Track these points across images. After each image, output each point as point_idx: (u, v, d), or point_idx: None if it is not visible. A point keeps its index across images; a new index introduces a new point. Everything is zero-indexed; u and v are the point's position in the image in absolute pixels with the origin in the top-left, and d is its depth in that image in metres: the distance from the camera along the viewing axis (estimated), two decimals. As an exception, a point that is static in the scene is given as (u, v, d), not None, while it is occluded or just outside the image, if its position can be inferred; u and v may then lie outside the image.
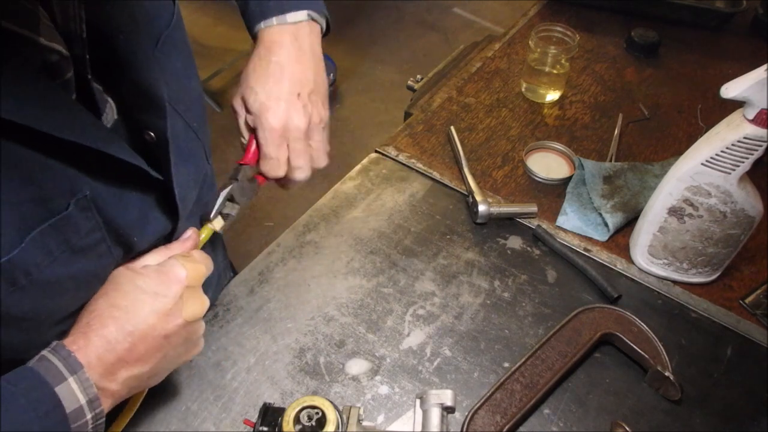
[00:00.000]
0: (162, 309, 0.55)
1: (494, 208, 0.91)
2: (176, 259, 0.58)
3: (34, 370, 0.49)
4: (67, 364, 0.50)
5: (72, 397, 0.49)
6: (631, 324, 0.77)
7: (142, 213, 0.59)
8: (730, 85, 0.67)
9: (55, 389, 0.49)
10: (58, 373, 0.49)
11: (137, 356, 0.54)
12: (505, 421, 0.69)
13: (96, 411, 0.51)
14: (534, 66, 1.12)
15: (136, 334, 0.53)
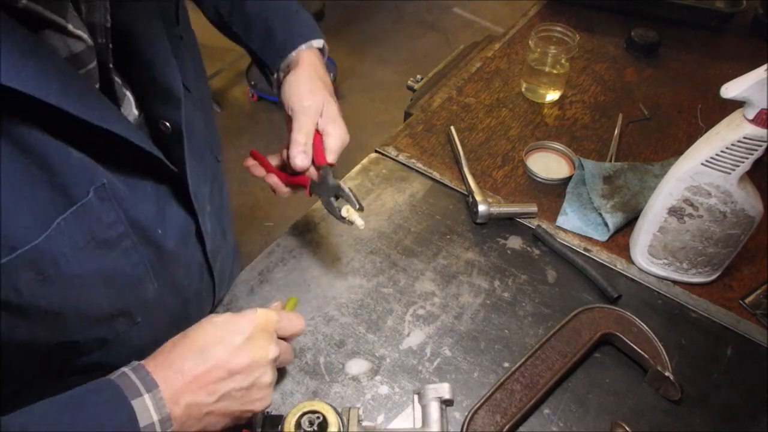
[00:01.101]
0: (231, 343, 0.57)
1: (494, 208, 0.91)
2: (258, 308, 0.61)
3: (115, 383, 0.51)
4: (144, 382, 0.52)
5: (146, 413, 0.51)
6: (631, 324, 0.77)
7: (160, 207, 0.61)
8: (730, 85, 0.67)
9: (131, 402, 0.50)
10: (135, 389, 0.51)
11: (202, 384, 0.55)
12: (505, 421, 0.69)
13: (166, 429, 0.52)
14: (534, 66, 1.12)
15: (205, 363, 0.55)
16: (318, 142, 0.77)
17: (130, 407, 0.50)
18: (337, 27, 3.27)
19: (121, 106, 0.57)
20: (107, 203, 0.53)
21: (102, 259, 0.54)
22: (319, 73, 0.80)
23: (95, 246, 0.53)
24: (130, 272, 0.59)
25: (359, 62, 3.11)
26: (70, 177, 0.49)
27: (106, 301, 0.58)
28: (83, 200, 0.50)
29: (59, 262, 0.50)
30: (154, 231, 0.60)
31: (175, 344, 0.56)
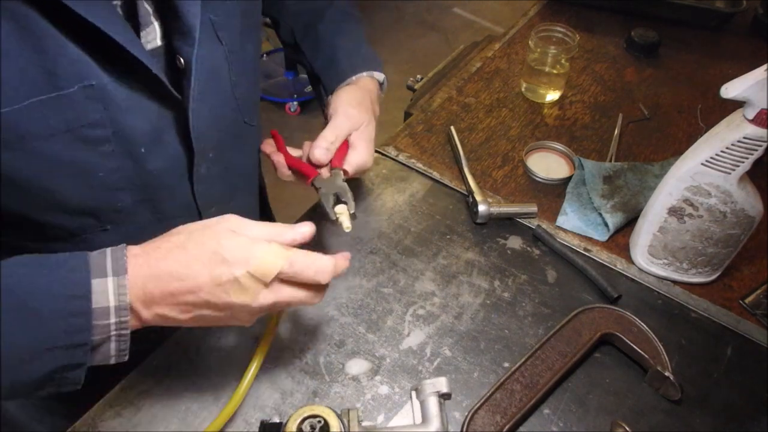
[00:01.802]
0: (218, 279, 0.54)
1: (494, 208, 0.91)
2: (268, 246, 0.56)
3: (86, 257, 0.53)
4: (115, 264, 0.53)
5: (104, 295, 0.52)
6: (631, 324, 0.77)
7: (155, 129, 0.63)
8: (730, 85, 0.67)
9: (91, 280, 0.51)
10: (103, 268, 0.52)
11: (177, 302, 0.55)
12: (505, 421, 0.69)
13: (122, 319, 0.52)
14: (534, 66, 1.12)
15: (187, 283, 0.54)
16: (343, 149, 0.80)
17: (87, 283, 0.51)
18: (337, 27, 3.26)
19: (142, 31, 0.59)
20: (94, 104, 0.55)
21: (76, 153, 0.57)
22: (373, 99, 0.84)
23: (72, 138, 0.56)
24: (105, 176, 0.61)
25: (359, 62, 3.11)
26: (60, 67, 0.52)
27: (74, 193, 0.60)
28: (66, 91, 0.53)
29: (25, 139, 0.53)
30: (138, 148, 0.62)
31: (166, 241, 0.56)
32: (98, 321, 0.52)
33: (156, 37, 0.61)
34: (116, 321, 0.53)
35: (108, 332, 0.53)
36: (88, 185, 0.61)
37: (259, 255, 0.55)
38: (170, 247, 0.55)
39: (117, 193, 0.64)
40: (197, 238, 0.55)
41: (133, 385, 0.73)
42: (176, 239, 0.56)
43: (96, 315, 0.52)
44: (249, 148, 0.83)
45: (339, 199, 0.75)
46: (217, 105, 0.69)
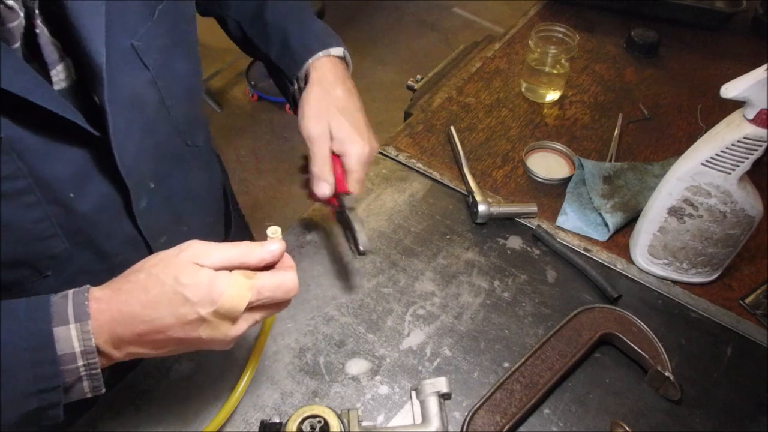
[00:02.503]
0: (183, 318, 0.53)
1: (494, 208, 0.91)
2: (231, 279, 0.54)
3: (48, 305, 0.52)
4: (77, 309, 0.52)
5: (68, 342, 0.51)
6: (631, 324, 0.77)
7: (81, 171, 0.60)
8: (730, 85, 0.67)
9: (53, 329, 0.51)
10: (65, 315, 0.51)
11: (147, 341, 0.54)
12: (505, 421, 0.69)
13: (90, 361, 0.52)
14: (534, 66, 1.12)
15: (154, 325, 0.53)
16: (337, 165, 0.77)
17: (49, 334, 0.50)
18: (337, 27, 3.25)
19: (52, 70, 0.56)
20: (7, 156, 0.53)
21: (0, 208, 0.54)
22: (328, 84, 0.78)
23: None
24: (32, 227, 0.58)
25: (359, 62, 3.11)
26: None
27: (14, 252, 0.58)
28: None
29: None
30: (65, 193, 0.59)
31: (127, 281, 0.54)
32: (66, 366, 0.51)
33: (67, 76, 0.57)
34: (84, 363, 0.52)
35: (78, 374, 0.52)
36: (15, 238, 0.58)
37: (224, 292, 0.53)
38: (131, 289, 0.53)
39: (49, 240, 0.61)
40: (157, 276, 0.53)
41: (133, 385, 0.73)
42: (136, 279, 0.54)
43: (63, 361, 0.51)
44: (197, 170, 0.79)
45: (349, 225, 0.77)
46: (148, 135, 0.66)
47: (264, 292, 0.55)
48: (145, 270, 0.54)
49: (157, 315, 0.52)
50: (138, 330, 0.53)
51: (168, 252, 0.55)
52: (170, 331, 0.53)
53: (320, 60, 0.79)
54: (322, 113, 0.75)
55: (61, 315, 0.51)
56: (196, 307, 0.52)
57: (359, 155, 0.75)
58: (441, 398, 0.69)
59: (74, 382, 0.52)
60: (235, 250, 0.55)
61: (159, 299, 0.52)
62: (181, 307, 0.52)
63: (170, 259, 0.54)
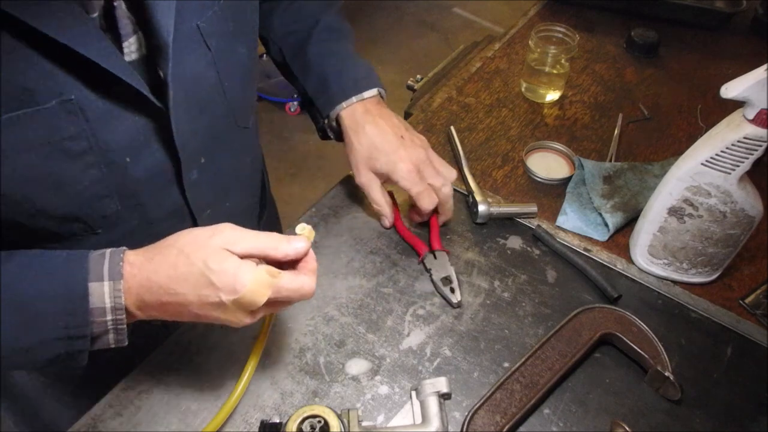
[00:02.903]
0: (205, 299, 0.57)
1: (494, 208, 0.91)
2: (256, 273, 0.57)
3: (86, 260, 0.57)
4: (112, 270, 0.57)
5: (100, 297, 0.56)
6: (631, 324, 0.77)
7: (139, 139, 0.63)
8: (730, 85, 0.67)
9: (89, 284, 0.56)
10: (100, 272, 0.56)
11: (169, 310, 0.59)
12: (505, 421, 0.69)
13: (118, 317, 0.57)
14: (534, 66, 1.12)
15: (177, 298, 0.57)
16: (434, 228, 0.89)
17: (84, 287, 0.56)
18: (337, 27, 3.26)
19: (124, 42, 0.59)
20: (73, 117, 0.56)
21: (57, 165, 0.58)
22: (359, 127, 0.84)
23: (52, 151, 0.57)
24: (88, 186, 0.61)
25: (359, 62, 3.10)
26: (35, 83, 0.53)
27: (57, 203, 0.61)
28: (43, 106, 0.54)
29: (7, 151, 0.54)
30: (122, 158, 0.62)
31: (159, 253, 0.58)
32: (96, 318, 0.56)
33: (138, 48, 0.61)
34: (112, 318, 0.57)
35: (105, 327, 0.57)
36: (71, 195, 0.61)
37: (247, 285, 0.56)
38: (161, 261, 0.58)
39: (102, 200, 0.64)
40: (188, 256, 0.57)
41: (133, 385, 0.73)
42: (168, 253, 0.58)
43: (93, 314, 0.56)
44: (243, 151, 0.83)
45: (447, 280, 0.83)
46: (204, 112, 0.69)
47: (282, 292, 0.59)
48: (177, 247, 0.58)
49: (182, 291, 0.57)
50: (162, 300, 0.58)
51: (202, 233, 0.59)
52: (190, 306, 0.58)
53: (353, 106, 0.85)
54: (360, 163, 0.84)
55: (96, 272, 0.56)
56: (218, 292, 0.56)
57: (403, 175, 0.82)
58: (441, 398, 0.69)
59: (101, 334, 0.58)
60: (264, 240, 0.59)
61: (185, 277, 0.57)
62: (205, 289, 0.57)
63: (203, 241, 0.58)
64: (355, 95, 0.85)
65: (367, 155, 0.84)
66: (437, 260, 0.85)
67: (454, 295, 0.81)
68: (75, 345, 0.57)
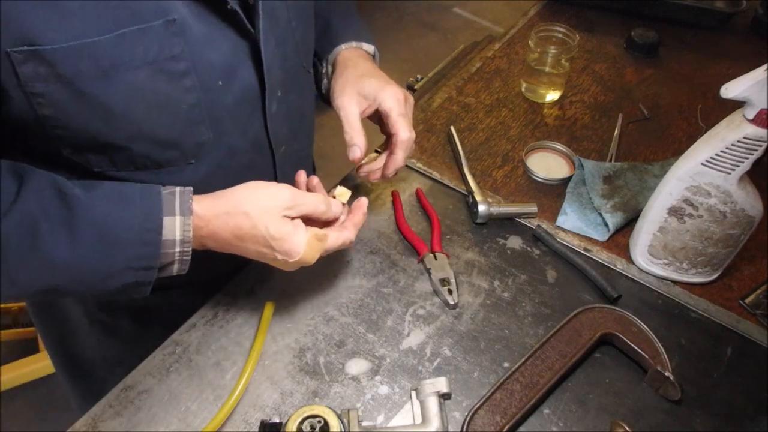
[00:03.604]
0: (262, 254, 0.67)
1: (494, 208, 0.91)
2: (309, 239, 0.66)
3: (159, 195, 0.62)
4: (183, 206, 0.62)
5: (171, 230, 0.62)
6: (631, 324, 0.77)
7: (230, 63, 0.67)
8: (730, 85, 0.67)
9: (163, 217, 0.61)
10: (172, 207, 0.62)
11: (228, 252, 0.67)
12: (505, 421, 0.69)
13: (185, 249, 0.63)
14: (534, 66, 1.12)
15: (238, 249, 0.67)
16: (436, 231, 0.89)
17: (159, 219, 0.61)
18: (337, 27, 3.26)
19: None
20: (175, 38, 0.60)
21: (160, 85, 0.61)
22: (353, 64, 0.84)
23: (156, 70, 0.60)
24: (186, 110, 0.65)
25: (359, 62, 3.10)
26: (141, 3, 0.57)
27: (160, 124, 0.65)
28: (150, 24, 0.58)
29: (119, 67, 0.58)
30: (215, 81, 0.66)
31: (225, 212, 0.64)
32: (166, 250, 0.62)
33: None
34: (180, 251, 0.63)
35: (173, 258, 0.63)
36: (172, 117, 0.65)
37: (301, 253, 0.66)
38: (228, 221, 0.64)
39: (198, 126, 0.67)
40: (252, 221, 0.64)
41: (133, 385, 0.73)
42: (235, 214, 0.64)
43: (164, 246, 0.62)
44: (307, 93, 0.86)
45: (445, 281, 0.83)
46: (281, 45, 0.73)
47: (329, 249, 0.70)
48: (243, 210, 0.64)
49: (243, 245, 0.66)
50: (224, 245, 0.66)
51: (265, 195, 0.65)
52: (249, 254, 0.67)
53: (351, 49, 0.86)
54: (348, 83, 0.81)
55: (169, 207, 0.62)
56: (275, 253, 0.66)
57: (394, 96, 0.79)
58: (441, 398, 0.69)
59: (167, 264, 0.64)
60: (314, 205, 0.68)
61: (248, 237, 0.65)
62: (264, 248, 0.65)
63: (265, 205, 0.64)
64: (354, 41, 0.87)
65: (356, 76, 0.82)
66: (437, 261, 0.85)
67: (452, 297, 0.81)
68: (144, 275, 0.62)
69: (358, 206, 0.75)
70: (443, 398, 0.69)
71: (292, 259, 0.66)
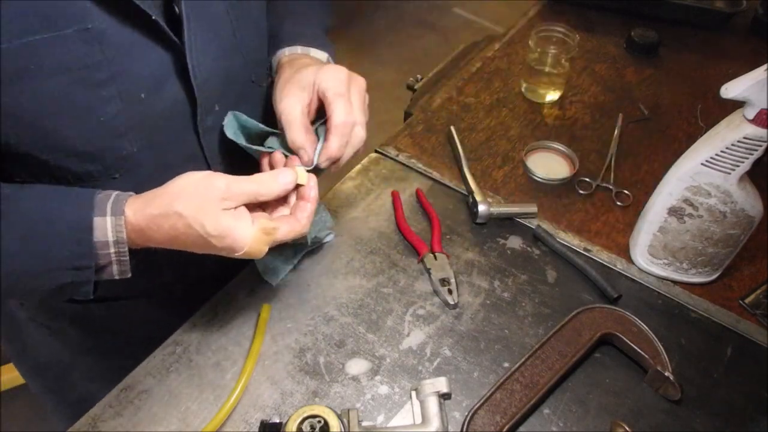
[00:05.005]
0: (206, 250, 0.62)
1: (494, 208, 0.91)
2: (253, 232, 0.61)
3: (92, 197, 0.60)
4: (115, 207, 0.60)
5: (103, 230, 0.60)
6: (631, 324, 0.77)
7: (157, 74, 0.65)
8: (730, 85, 0.67)
9: (93, 218, 0.59)
10: (105, 208, 0.60)
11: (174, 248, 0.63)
12: (505, 421, 0.69)
13: (120, 249, 0.61)
14: (534, 66, 1.12)
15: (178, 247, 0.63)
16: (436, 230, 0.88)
17: (89, 220, 0.59)
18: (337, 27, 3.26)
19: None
20: (92, 46, 0.58)
21: (77, 94, 0.59)
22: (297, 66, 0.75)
23: (72, 79, 0.58)
24: (107, 120, 0.63)
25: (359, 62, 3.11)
26: (58, 9, 0.55)
27: (77, 135, 0.63)
28: (63, 32, 0.55)
29: (26, 75, 0.56)
30: (139, 92, 0.64)
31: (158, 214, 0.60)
32: (101, 251, 0.60)
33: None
34: (115, 251, 0.61)
35: (110, 259, 0.61)
36: (90, 128, 0.62)
37: (245, 247, 0.61)
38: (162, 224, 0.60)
39: (120, 138, 0.65)
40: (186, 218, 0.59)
41: (133, 385, 0.73)
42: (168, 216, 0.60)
43: (98, 246, 0.60)
44: (257, 109, 0.82)
45: (445, 281, 0.83)
46: (221, 58, 0.70)
47: (278, 239, 0.64)
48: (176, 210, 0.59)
49: (182, 244, 0.62)
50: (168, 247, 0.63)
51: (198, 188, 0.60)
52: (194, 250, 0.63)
53: (295, 54, 0.79)
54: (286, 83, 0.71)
55: (101, 207, 0.60)
56: (219, 251, 0.62)
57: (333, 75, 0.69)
58: (441, 398, 0.69)
59: (105, 265, 0.61)
60: (255, 186, 0.62)
61: (185, 237, 0.61)
62: (206, 248, 0.62)
63: (200, 201, 0.60)
64: (301, 47, 0.79)
65: (293, 72, 0.72)
66: (437, 261, 0.85)
67: (452, 297, 0.81)
68: (81, 275, 0.60)
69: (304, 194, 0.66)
70: (443, 398, 0.69)
71: (237, 253, 0.61)
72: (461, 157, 0.99)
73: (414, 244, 0.88)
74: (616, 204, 0.96)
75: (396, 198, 0.94)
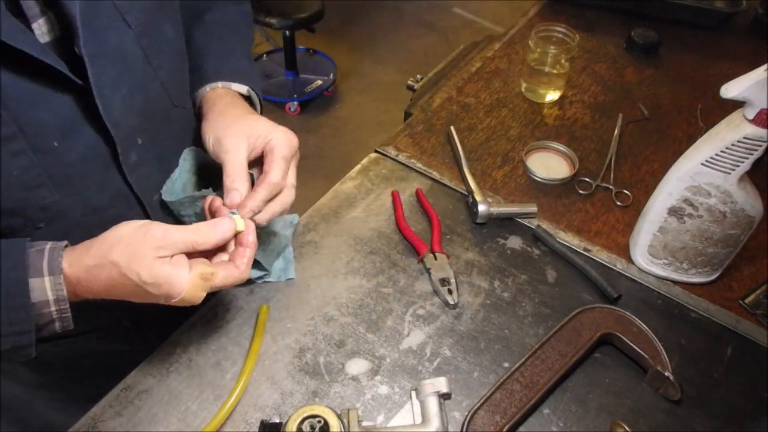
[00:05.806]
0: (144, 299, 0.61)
1: (494, 208, 0.91)
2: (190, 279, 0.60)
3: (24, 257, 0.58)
4: (52, 265, 0.58)
5: (42, 291, 0.58)
6: (631, 324, 0.77)
7: (66, 120, 0.62)
8: (730, 85, 0.67)
9: (29, 279, 0.57)
10: (41, 267, 0.58)
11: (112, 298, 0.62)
12: (505, 421, 0.69)
13: (61, 307, 0.59)
14: (534, 66, 1.12)
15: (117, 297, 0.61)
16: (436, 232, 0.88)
17: (24, 283, 0.57)
18: (337, 27, 3.27)
19: (33, 23, 0.58)
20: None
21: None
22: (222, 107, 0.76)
23: None
24: (20, 174, 0.60)
25: (359, 62, 3.11)
26: None
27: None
28: None
29: None
30: (50, 142, 0.61)
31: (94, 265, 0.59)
32: (40, 311, 0.58)
33: (50, 29, 0.59)
34: (56, 309, 0.59)
35: (51, 317, 0.59)
36: (6, 184, 0.60)
37: (182, 294, 0.60)
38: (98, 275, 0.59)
39: (38, 190, 0.63)
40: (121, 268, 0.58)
41: (133, 385, 0.73)
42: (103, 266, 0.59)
43: (38, 307, 0.58)
44: (186, 131, 0.80)
45: (445, 281, 0.83)
46: (136, 90, 0.67)
47: (217, 285, 0.63)
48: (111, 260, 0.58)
49: (120, 294, 0.61)
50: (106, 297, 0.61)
51: (133, 238, 0.59)
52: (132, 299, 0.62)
53: (216, 90, 0.79)
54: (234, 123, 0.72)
55: (36, 267, 0.58)
56: (157, 299, 0.61)
57: (288, 139, 0.70)
58: (441, 398, 0.69)
59: (46, 323, 0.60)
60: (191, 236, 0.61)
61: (122, 287, 0.60)
62: (143, 297, 0.61)
63: (134, 250, 0.58)
64: (222, 81, 0.79)
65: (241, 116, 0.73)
66: (437, 261, 0.85)
67: (452, 297, 0.81)
68: (21, 340, 0.58)
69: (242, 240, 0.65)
70: (443, 398, 0.69)
71: (174, 299, 0.60)
72: (461, 157, 0.99)
73: (414, 244, 0.88)
74: (616, 204, 0.96)
75: (396, 198, 0.94)
